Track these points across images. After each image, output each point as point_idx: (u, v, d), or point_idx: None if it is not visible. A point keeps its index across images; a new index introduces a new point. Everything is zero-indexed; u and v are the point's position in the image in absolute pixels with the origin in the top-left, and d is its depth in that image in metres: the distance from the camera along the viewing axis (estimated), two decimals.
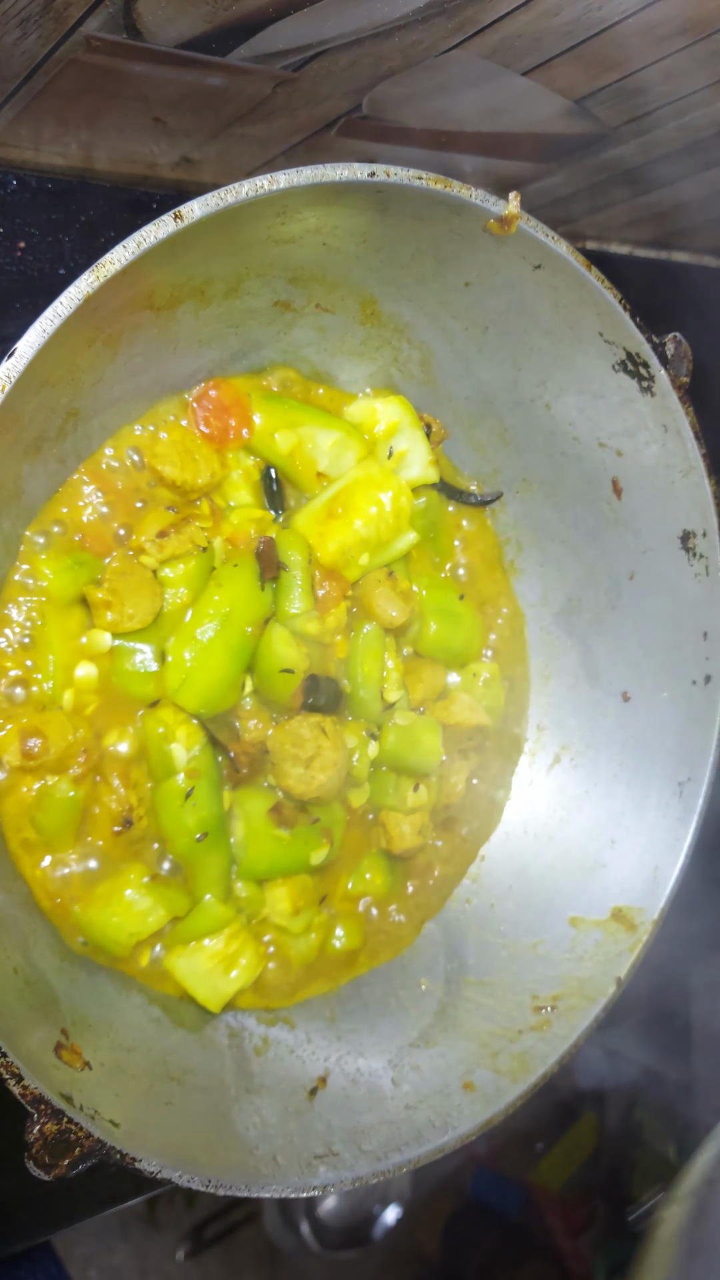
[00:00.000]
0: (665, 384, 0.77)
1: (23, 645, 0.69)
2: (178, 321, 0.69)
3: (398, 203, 0.66)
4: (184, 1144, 0.65)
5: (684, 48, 0.71)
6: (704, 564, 0.83)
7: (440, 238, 0.71)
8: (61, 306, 0.56)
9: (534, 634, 0.95)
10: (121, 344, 0.66)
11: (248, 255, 0.68)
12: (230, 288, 0.71)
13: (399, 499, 0.79)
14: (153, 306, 0.66)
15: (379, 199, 0.66)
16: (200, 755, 0.74)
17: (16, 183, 0.78)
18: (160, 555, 0.71)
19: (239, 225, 0.63)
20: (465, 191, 0.66)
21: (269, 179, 0.60)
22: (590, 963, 0.83)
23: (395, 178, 0.64)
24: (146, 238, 0.57)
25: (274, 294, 0.74)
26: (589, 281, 0.72)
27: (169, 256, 0.60)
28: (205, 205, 0.58)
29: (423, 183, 0.65)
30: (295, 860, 0.79)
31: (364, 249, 0.72)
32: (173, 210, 0.58)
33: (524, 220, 0.68)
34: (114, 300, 0.59)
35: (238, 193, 0.59)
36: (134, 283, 0.60)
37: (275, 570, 0.74)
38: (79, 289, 0.56)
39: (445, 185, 0.65)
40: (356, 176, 0.62)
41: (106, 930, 0.72)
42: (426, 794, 0.87)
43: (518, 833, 0.94)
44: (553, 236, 0.70)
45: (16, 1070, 0.56)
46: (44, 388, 0.62)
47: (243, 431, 0.77)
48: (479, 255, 0.72)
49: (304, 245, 0.69)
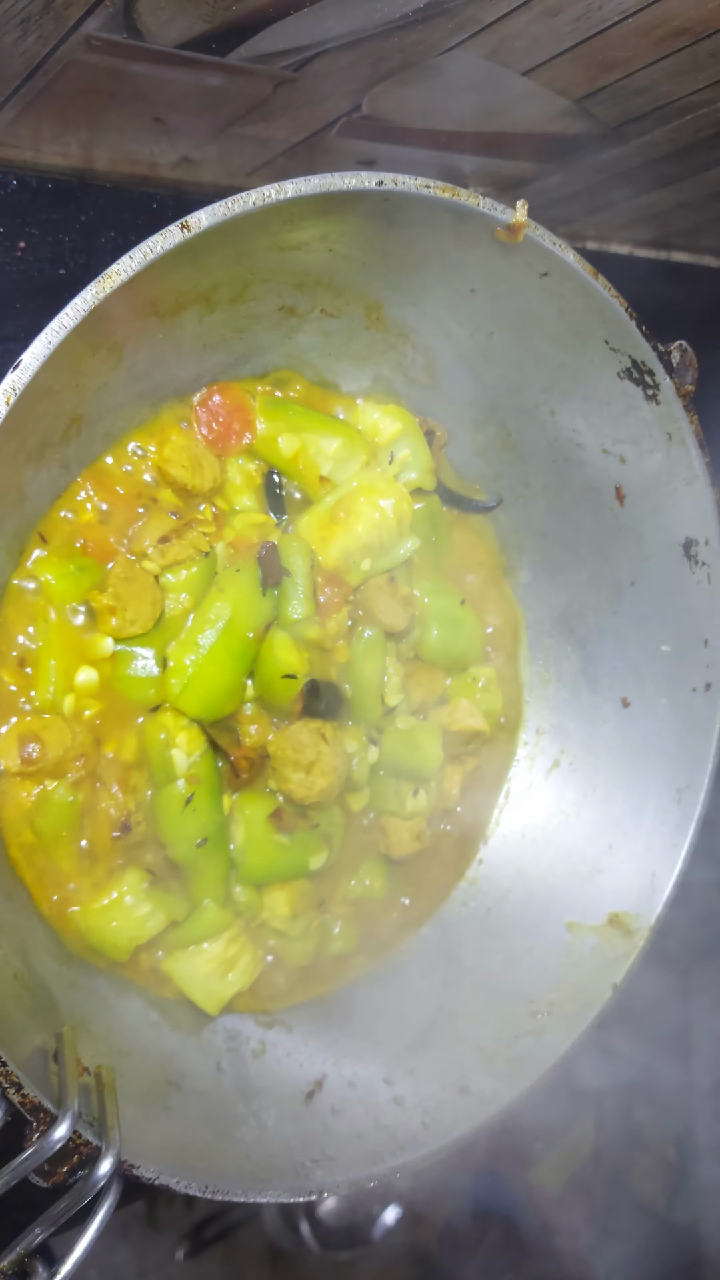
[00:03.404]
0: (670, 392, 0.77)
1: (24, 650, 0.69)
2: (182, 327, 0.69)
3: (404, 210, 0.66)
4: (182, 1148, 0.65)
5: (684, 48, 0.70)
6: (705, 572, 0.83)
7: (446, 244, 0.70)
8: (67, 318, 0.56)
9: (534, 639, 0.95)
10: (125, 350, 0.66)
11: (253, 261, 0.68)
12: (235, 293, 0.71)
13: (401, 505, 0.79)
14: (157, 313, 0.66)
15: (386, 206, 0.66)
16: (201, 760, 0.74)
17: (16, 183, 0.78)
18: (162, 560, 0.71)
19: (245, 232, 0.63)
20: (473, 200, 0.66)
21: (276, 188, 0.60)
22: (586, 968, 0.83)
23: (403, 186, 0.63)
24: (153, 248, 0.57)
25: (279, 299, 0.74)
26: (595, 289, 0.72)
27: (175, 264, 0.60)
28: (213, 215, 0.58)
29: (430, 191, 0.64)
30: (295, 865, 0.79)
31: (370, 255, 0.71)
32: (180, 220, 0.58)
33: (531, 228, 0.68)
34: (119, 308, 0.59)
35: (245, 202, 0.59)
36: (140, 291, 0.59)
37: (277, 575, 0.74)
38: (85, 300, 0.56)
39: (453, 194, 0.65)
40: (364, 185, 0.62)
41: (106, 934, 0.72)
42: (425, 799, 0.87)
43: (515, 837, 0.94)
44: (560, 244, 0.70)
45: (15, 1079, 0.56)
46: (48, 395, 0.62)
47: (245, 437, 0.77)
48: (485, 262, 0.72)
49: (310, 251, 0.69)
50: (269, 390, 0.79)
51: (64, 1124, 0.55)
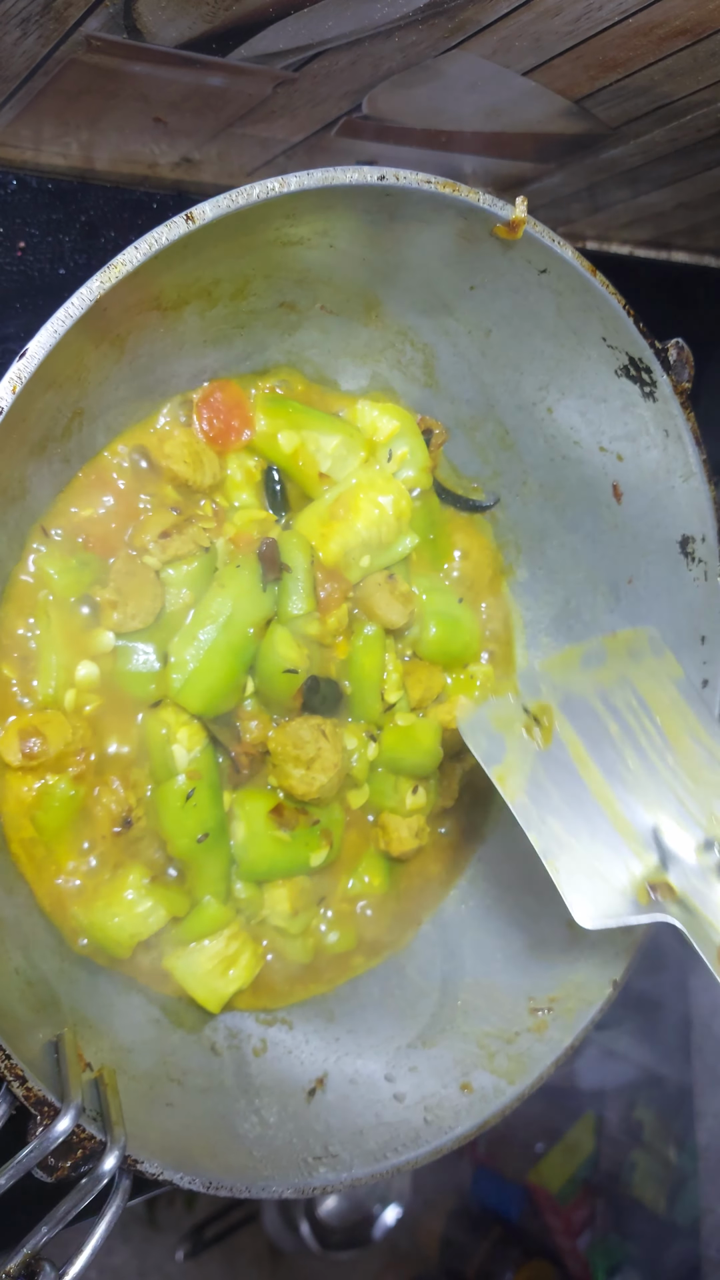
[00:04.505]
0: (667, 389, 0.77)
1: (25, 645, 0.69)
2: (184, 322, 0.69)
3: (405, 206, 0.66)
4: (185, 1145, 0.65)
5: (684, 48, 0.71)
6: (703, 569, 0.83)
7: (446, 241, 0.71)
8: (73, 307, 0.56)
9: (532, 637, 0.95)
10: (128, 344, 0.66)
11: (255, 257, 0.68)
12: (237, 289, 0.71)
13: (400, 502, 0.79)
14: (160, 307, 0.66)
15: (387, 202, 0.66)
16: (201, 756, 0.74)
17: (16, 183, 0.78)
18: (163, 556, 0.71)
19: (247, 227, 0.63)
20: (474, 195, 0.66)
21: (280, 181, 0.60)
22: (587, 965, 0.83)
23: (405, 181, 0.64)
24: (158, 239, 0.57)
25: (280, 295, 0.74)
26: (594, 286, 0.72)
27: (178, 258, 0.60)
28: (217, 207, 0.59)
29: (431, 186, 0.65)
30: (295, 862, 0.79)
31: (370, 251, 0.72)
32: (184, 212, 0.58)
33: (531, 225, 0.68)
34: (123, 300, 0.59)
35: (249, 194, 0.59)
36: (143, 284, 0.60)
37: (277, 571, 0.74)
38: (90, 290, 0.56)
39: (454, 189, 0.65)
40: (366, 180, 0.63)
41: (107, 931, 0.72)
42: (425, 796, 0.87)
43: (515, 834, 0.94)
44: (559, 241, 0.70)
45: (20, 1072, 0.56)
46: (51, 388, 0.62)
47: (245, 433, 0.77)
48: (484, 259, 0.72)
49: (311, 247, 0.69)
50: (269, 387, 0.79)
51: (67, 1116, 0.55)
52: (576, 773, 0.70)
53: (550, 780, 0.69)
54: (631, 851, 0.68)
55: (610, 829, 0.69)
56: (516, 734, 0.71)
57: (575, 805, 0.69)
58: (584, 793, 0.70)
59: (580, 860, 0.66)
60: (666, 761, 0.73)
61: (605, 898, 0.65)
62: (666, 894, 0.66)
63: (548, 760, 0.70)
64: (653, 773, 0.72)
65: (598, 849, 0.67)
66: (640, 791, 0.71)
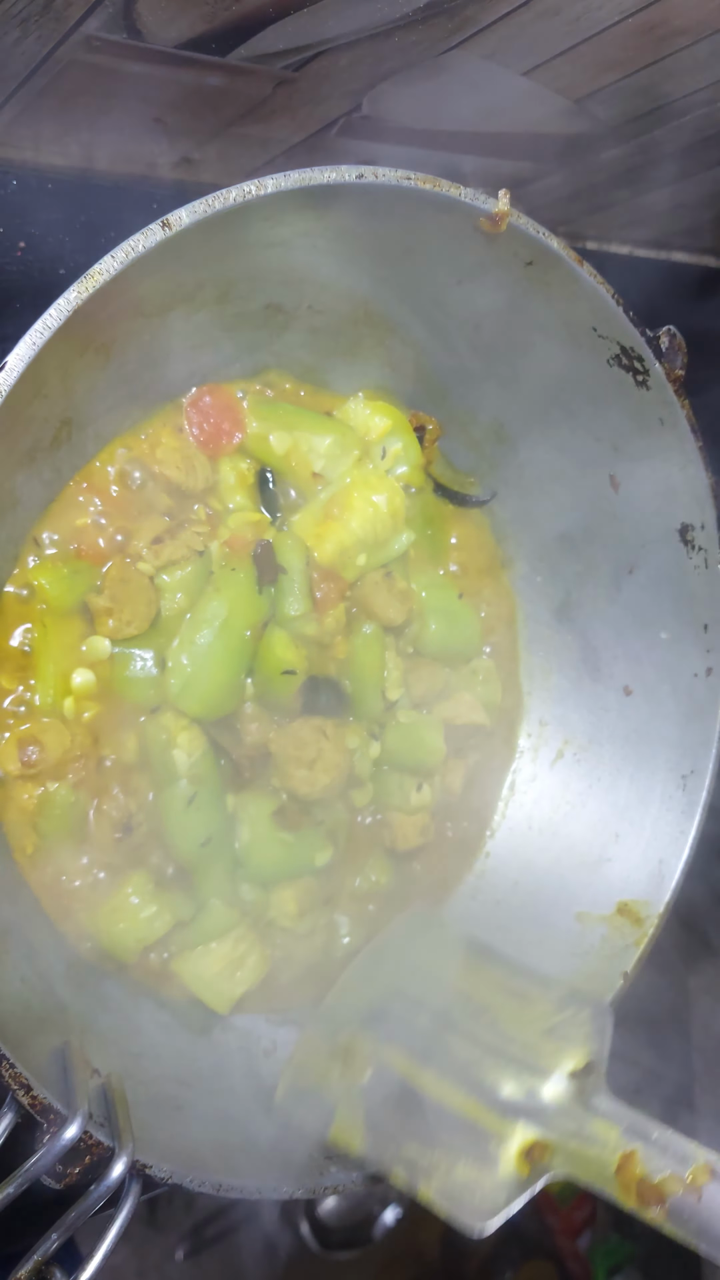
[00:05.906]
0: (660, 377, 0.77)
1: (21, 654, 0.69)
2: (169, 327, 0.69)
3: (387, 203, 0.66)
4: (195, 1148, 0.65)
5: (684, 48, 0.71)
6: (703, 556, 0.83)
7: (431, 236, 0.70)
8: (51, 318, 0.56)
9: (534, 631, 0.95)
10: (114, 351, 0.66)
11: (238, 260, 0.68)
12: (221, 293, 0.71)
13: (394, 500, 0.79)
14: (143, 313, 0.66)
15: (368, 200, 0.66)
16: (202, 760, 0.74)
17: (16, 183, 0.78)
18: (157, 561, 0.71)
19: (228, 230, 0.63)
20: (454, 190, 0.66)
21: (256, 184, 0.60)
22: (596, 958, 0.83)
23: (384, 179, 0.64)
24: (134, 247, 0.57)
25: (265, 297, 0.74)
26: (580, 276, 0.72)
27: (158, 264, 0.60)
28: (193, 213, 0.58)
29: (411, 183, 0.64)
30: (300, 862, 0.79)
31: (355, 250, 0.71)
32: (160, 219, 0.58)
33: (514, 217, 0.68)
34: (104, 309, 0.59)
35: (225, 199, 0.59)
36: (123, 291, 0.59)
37: (273, 573, 0.74)
38: (68, 300, 0.56)
39: (434, 185, 0.65)
40: (344, 179, 0.62)
41: (113, 936, 0.72)
42: (429, 793, 0.87)
43: (522, 829, 0.94)
44: (543, 232, 0.70)
45: (25, 1080, 0.56)
46: (37, 398, 0.62)
47: (236, 436, 0.77)
48: (470, 253, 0.72)
49: (294, 248, 0.69)
50: (259, 390, 0.79)
51: (75, 1123, 0.55)
52: (407, 1085, 0.67)
53: (384, 1109, 0.66)
54: (492, 1132, 0.63)
55: (463, 1122, 0.64)
56: (335, 1083, 0.68)
57: (418, 1118, 0.65)
58: (422, 1101, 0.66)
59: (450, 1173, 0.62)
60: (486, 1026, 0.69)
61: (490, 1195, 0.61)
62: (542, 1153, 0.62)
63: (374, 1090, 0.67)
64: (478, 1044, 0.68)
65: (459, 1150, 0.63)
66: (476, 1068, 0.66)
